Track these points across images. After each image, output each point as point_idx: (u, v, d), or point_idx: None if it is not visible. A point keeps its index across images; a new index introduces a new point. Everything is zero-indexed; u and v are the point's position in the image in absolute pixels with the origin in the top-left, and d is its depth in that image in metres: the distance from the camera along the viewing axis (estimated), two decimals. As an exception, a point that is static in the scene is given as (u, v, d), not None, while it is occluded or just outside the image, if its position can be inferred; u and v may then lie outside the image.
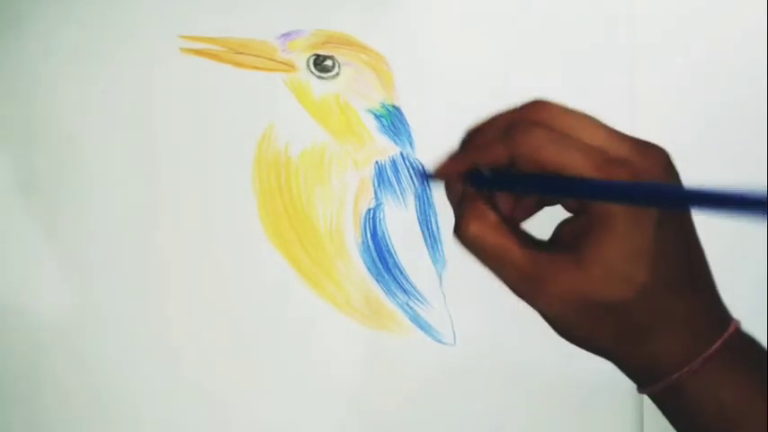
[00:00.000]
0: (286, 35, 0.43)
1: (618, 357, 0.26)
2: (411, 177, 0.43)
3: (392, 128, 0.43)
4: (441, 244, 0.42)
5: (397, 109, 0.43)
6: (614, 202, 0.23)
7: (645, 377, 0.26)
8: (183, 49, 0.42)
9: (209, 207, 0.42)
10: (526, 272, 0.25)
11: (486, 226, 0.25)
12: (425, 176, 0.38)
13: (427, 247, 0.42)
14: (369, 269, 0.42)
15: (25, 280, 0.41)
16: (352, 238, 0.42)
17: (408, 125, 0.43)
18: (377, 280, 0.42)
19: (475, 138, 0.27)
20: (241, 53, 0.42)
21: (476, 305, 0.41)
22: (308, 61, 0.43)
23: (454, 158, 0.27)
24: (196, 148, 0.42)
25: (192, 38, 0.42)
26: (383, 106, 0.43)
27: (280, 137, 0.42)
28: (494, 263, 0.25)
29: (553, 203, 0.27)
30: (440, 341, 0.42)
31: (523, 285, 0.25)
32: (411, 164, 0.43)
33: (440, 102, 0.43)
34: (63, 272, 0.41)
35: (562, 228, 0.26)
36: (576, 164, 0.23)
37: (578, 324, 0.25)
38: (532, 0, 0.44)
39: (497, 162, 0.25)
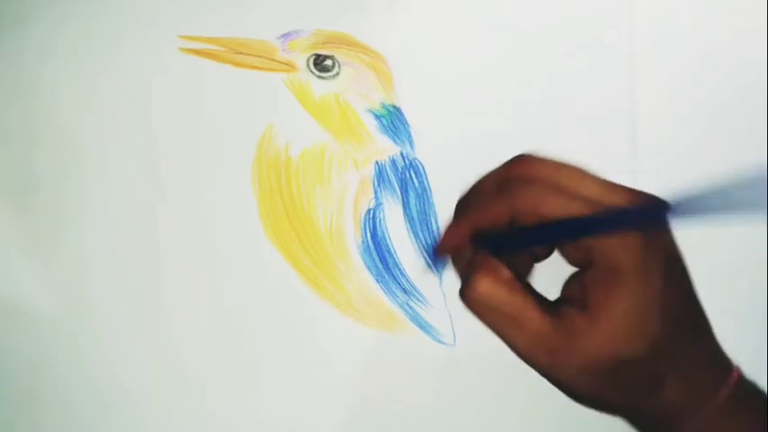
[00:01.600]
0: (286, 35, 0.43)
1: (630, 412, 0.26)
2: (411, 177, 0.43)
3: (392, 128, 0.43)
4: (441, 244, 0.42)
5: (397, 109, 0.43)
6: (623, 230, 0.23)
7: (656, 428, 0.26)
8: (182, 49, 0.42)
9: (209, 207, 0.42)
10: (542, 335, 0.24)
11: (500, 282, 0.24)
12: (433, 256, 0.37)
13: (427, 247, 0.42)
14: (369, 269, 0.42)
15: (25, 279, 0.41)
16: (352, 238, 0.42)
17: (408, 125, 0.43)
18: (377, 280, 0.42)
19: (469, 203, 0.26)
20: (241, 53, 0.42)
21: (476, 305, 0.41)
22: (307, 61, 0.43)
23: (454, 228, 0.26)
24: (196, 148, 0.42)
25: (191, 38, 0.42)
26: (383, 106, 0.43)
27: (280, 137, 0.42)
28: (508, 323, 0.24)
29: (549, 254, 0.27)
30: (440, 341, 0.42)
31: (538, 350, 0.24)
32: (411, 164, 0.43)
33: (440, 102, 0.43)
34: (63, 272, 0.41)
35: (569, 285, 0.25)
36: (575, 213, 0.23)
37: (593, 386, 0.24)
38: (532, 0, 0.44)
39: (498, 222, 0.24)
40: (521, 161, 0.25)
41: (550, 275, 0.26)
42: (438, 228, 0.42)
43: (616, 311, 0.23)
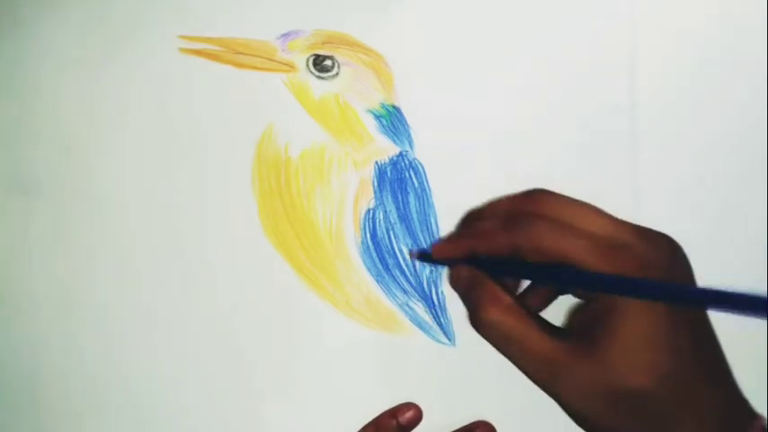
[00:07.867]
0: (286, 35, 0.43)
1: None
2: (411, 178, 0.43)
3: (392, 128, 0.43)
4: (441, 244, 0.42)
5: (396, 109, 0.43)
6: (618, 294, 0.23)
7: None
8: (182, 50, 0.42)
9: (208, 207, 0.42)
10: (547, 359, 0.24)
11: (504, 310, 0.25)
12: (424, 255, 0.37)
13: (427, 248, 0.42)
14: (369, 269, 0.42)
15: (25, 280, 0.41)
16: (351, 238, 0.42)
17: (408, 125, 0.43)
18: (377, 280, 0.42)
19: (475, 223, 0.27)
20: (241, 53, 0.42)
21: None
22: (307, 61, 0.43)
23: (453, 241, 0.27)
24: (196, 149, 0.42)
25: (191, 38, 0.42)
26: (383, 106, 0.43)
27: (279, 137, 0.42)
28: (515, 348, 0.25)
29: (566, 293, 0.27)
30: (440, 341, 0.42)
31: (543, 374, 0.25)
32: (411, 164, 0.43)
33: (440, 102, 0.43)
34: (62, 272, 0.41)
35: (574, 315, 0.25)
36: (578, 250, 0.23)
37: (599, 415, 0.24)
38: (532, 0, 0.44)
39: (499, 251, 0.25)
40: (533, 195, 0.25)
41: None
42: (438, 228, 0.42)
43: (619, 344, 0.23)
